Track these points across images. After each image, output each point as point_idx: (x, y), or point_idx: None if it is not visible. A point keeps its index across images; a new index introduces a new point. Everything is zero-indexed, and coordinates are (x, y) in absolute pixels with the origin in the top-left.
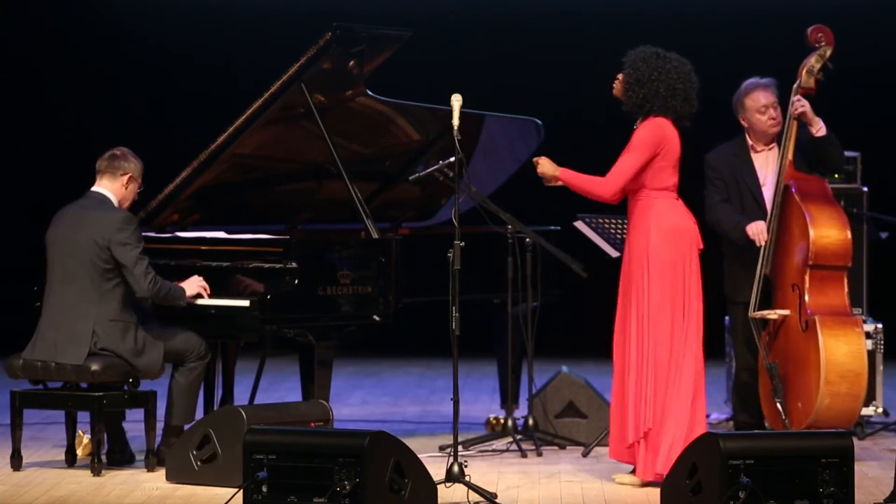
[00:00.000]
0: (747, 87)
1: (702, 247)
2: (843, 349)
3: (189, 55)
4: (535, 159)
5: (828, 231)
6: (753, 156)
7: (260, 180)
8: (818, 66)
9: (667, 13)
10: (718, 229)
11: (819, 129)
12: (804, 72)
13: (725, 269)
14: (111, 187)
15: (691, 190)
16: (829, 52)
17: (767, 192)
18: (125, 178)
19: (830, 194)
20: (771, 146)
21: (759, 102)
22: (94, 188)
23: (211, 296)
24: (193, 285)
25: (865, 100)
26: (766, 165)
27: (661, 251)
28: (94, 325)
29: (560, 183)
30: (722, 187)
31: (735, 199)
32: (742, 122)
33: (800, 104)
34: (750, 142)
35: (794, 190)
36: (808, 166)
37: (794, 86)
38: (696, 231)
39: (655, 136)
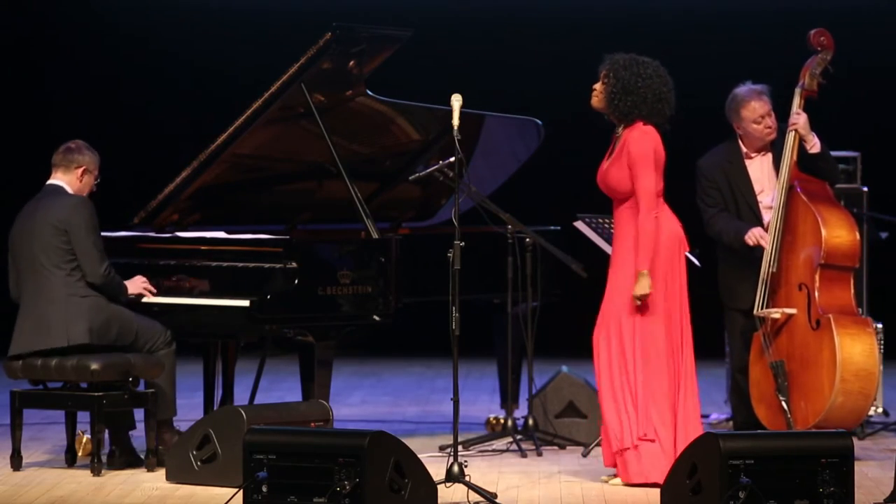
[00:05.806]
0: (742, 96)
1: (688, 249)
2: (857, 348)
3: (189, 55)
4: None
5: (839, 231)
6: (747, 163)
7: (260, 180)
8: (819, 69)
9: (667, 14)
10: (720, 240)
11: (813, 145)
12: (807, 74)
13: (720, 276)
14: (66, 179)
15: (682, 192)
16: (829, 56)
17: (765, 200)
18: (79, 170)
19: (833, 197)
20: (764, 152)
21: (756, 112)
22: (49, 181)
23: (198, 295)
24: (137, 285)
25: (865, 100)
26: (762, 172)
27: (662, 255)
28: (87, 300)
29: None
30: (717, 196)
31: (731, 206)
32: (736, 130)
33: (795, 119)
34: (744, 149)
35: (799, 190)
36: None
37: (797, 88)
38: (683, 233)
39: (651, 145)
